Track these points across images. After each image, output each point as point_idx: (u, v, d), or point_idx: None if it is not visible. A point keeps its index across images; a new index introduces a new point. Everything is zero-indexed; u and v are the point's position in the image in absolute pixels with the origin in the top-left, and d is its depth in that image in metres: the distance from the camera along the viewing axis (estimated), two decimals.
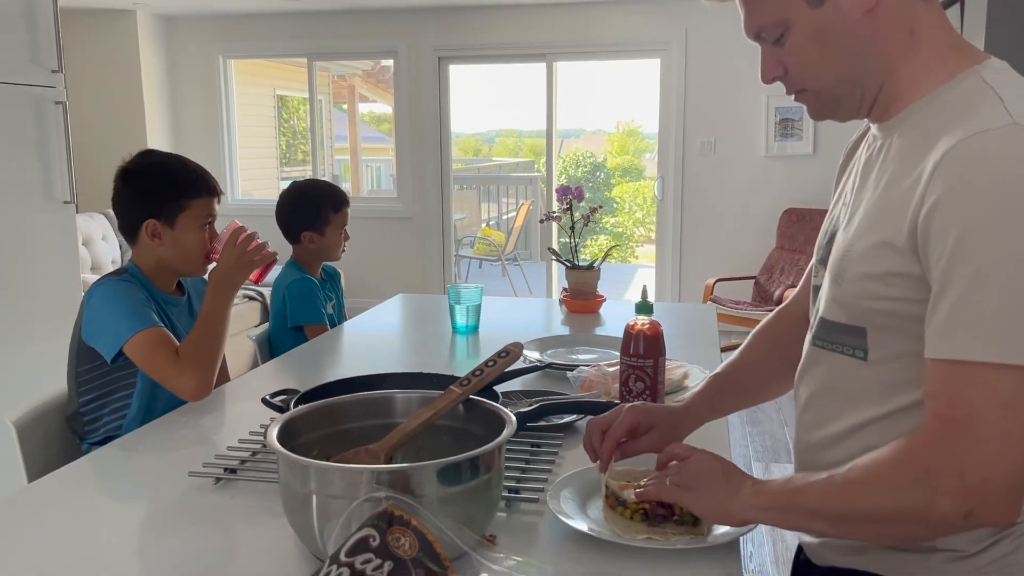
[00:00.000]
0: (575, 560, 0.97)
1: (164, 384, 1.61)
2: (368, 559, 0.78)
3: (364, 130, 11.12)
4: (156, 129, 6.22)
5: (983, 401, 0.79)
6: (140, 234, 1.74)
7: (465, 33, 6.08)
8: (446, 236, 6.43)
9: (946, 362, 0.82)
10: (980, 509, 0.80)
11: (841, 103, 0.98)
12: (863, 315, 0.93)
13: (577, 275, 2.42)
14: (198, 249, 1.76)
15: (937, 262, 0.82)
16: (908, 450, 0.83)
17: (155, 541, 1.05)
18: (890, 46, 0.92)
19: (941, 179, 0.82)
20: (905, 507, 0.83)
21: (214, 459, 1.26)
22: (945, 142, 0.84)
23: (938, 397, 0.82)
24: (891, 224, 0.88)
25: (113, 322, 1.63)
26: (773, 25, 0.94)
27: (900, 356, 0.91)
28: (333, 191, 2.46)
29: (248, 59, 6.85)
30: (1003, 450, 0.78)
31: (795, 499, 0.91)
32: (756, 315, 5.14)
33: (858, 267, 0.92)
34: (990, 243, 0.79)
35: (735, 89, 5.69)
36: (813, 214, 5.49)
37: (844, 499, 0.87)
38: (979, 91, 0.87)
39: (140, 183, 1.76)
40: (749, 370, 1.25)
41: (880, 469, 0.85)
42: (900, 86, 0.94)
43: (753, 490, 0.95)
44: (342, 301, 2.55)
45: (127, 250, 5.56)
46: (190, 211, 1.74)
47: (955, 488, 0.80)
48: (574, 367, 1.64)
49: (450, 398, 1.06)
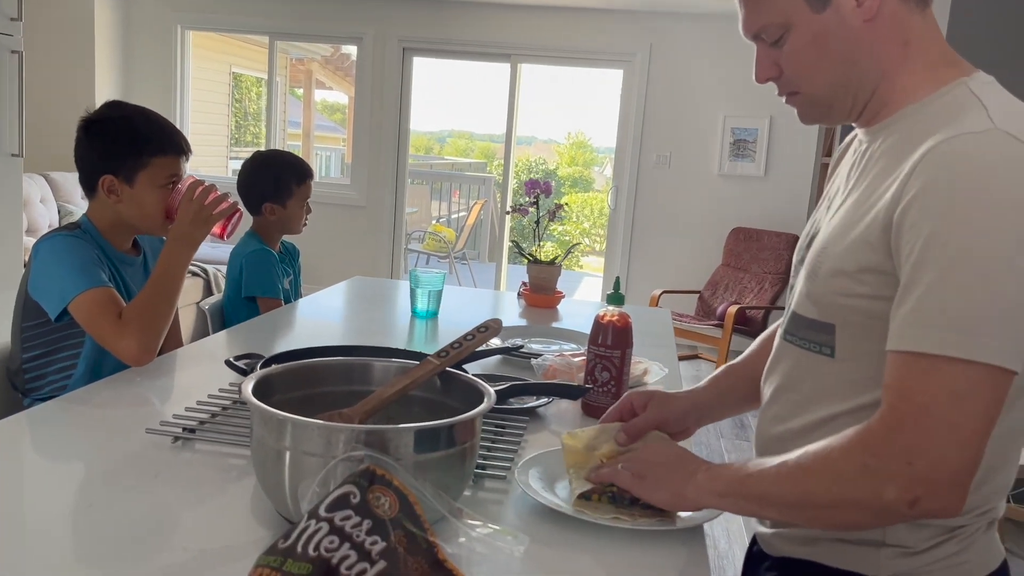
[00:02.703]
0: (541, 540, 0.97)
1: (105, 346, 1.54)
2: (347, 515, 0.76)
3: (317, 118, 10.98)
4: (105, 95, 6.02)
5: (936, 392, 0.80)
6: (97, 189, 1.66)
7: (432, 26, 6.05)
8: (397, 228, 6.39)
9: (904, 354, 0.83)
10: (926, 498, 0.81)
11: (834, 108, 1.00)
12: (834, 311, 0.95)
13: (538, 270, 2.43)
14: (158, 209, 1.67)
15: (908, 257, 0.84)
16: (859, 438, 0.84)
17: (107, 500, 1.00)
18: (886, 55, 0.95)
19: (919, 177, 0.85)
20: (852, 494, 0.84)
21: (172, 418, 1.22)
22: (927, 144, 0.86)
23: (893, 388, 0.84)
24: (868, 221, 0.90)
25: (59, 279, 1.56)
26: (774, 26, 0.96)
27: (866, 355, 0.93)
28: (297, 163, 2.42)
29: (207, 31, 6.70)
30: (951, 442, 0.80)
31: (748, 485, 0.92)
32: (699, 328, 5.23)
33: (833, 263, 0.94)
34: (959, 240, 0.81)
35: (694, 106, 5.79)
36: (760, 234, 5.62)
37: (794, 485, 0.88)
38: (965, 100, 0.90)
39: (101, 136, 1.67)
40: (758, 362, 1.22)
41: (830, 455, 0.86)
42: (891, 93, 0.97)
43: (708, 475, 0.96)
44: (299, 279, 2.51)
45: (66, 215, 5.38)
46: (151, 169, 1.65)
47: (902, 476, 0.81)
48: (539, 355, 1.65)
49: (428, 368, 1.05)
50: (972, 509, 0.94)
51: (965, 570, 0.95)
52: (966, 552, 0.95)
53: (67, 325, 1.61)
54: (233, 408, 1.30)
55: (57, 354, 1.63)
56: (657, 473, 1.00)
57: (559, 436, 1.33)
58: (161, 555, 0.86)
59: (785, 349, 1.05)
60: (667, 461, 1.01)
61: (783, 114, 5.63)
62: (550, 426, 1.38)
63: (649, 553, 0.95)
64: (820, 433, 0.97)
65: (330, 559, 0.72)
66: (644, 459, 1.03)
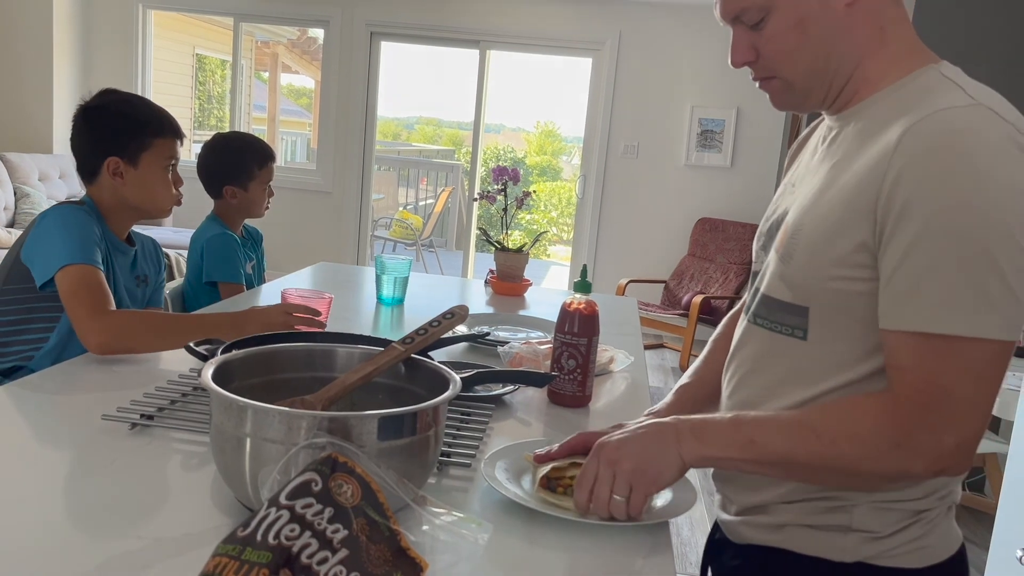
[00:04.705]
0: (505, 528, 0.96)
1: (74, 324, 1.51)
2: (309, 503, 0.75)
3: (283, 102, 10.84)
4: (64, 76, 5.87)
5: (958, 373, 0.84)
6: (101, 173, 1.70)
7: (401, 10, 6.00)
8: (364, 214, 6.34)
9: (916, 334, 0.85)
10: (951, 468, 0.87)
11: (811, 95, 0.99)
12: (809, 293, 0.94)
13: (506, 257, 2.42)
14: (163, 188, 1.74)
15: (899, 235, 0.84)
16: (888, 417, 0.87)
17: (59, 488, 0.97)
18: (863, 41, 0.95)
19: (903, 154, 0.85)
20: (881, 468, 0.88)
21: (129, 405, 1.19)
22: (907, 119, 0.86)
23: (912, 370, 0.86)
24: (846, 202, 0.90)
25: (56, 246, 1.57)
26: (756, 9, 0.94)
27: (839, 338, 0.93)
28: (258, 144, 2.38)
29: (170, 11, 6.56)
30: (973, 417, 0.86)
31: (752, 451, 0.92)
32: (664, 318, 5.26)
33: (810, 246, 0.93)
34: (956, 217, 0.82)
35: (662, 96, 5.81)
36: (726, 225, 5.66)
37: (816, 456, 0.90)
38: (938, 82, 0.91)
39: (102, 120, 1.71)
40: (713, 377, 1.22)
41: (858, 431, 0.88)
42: (864, 79, 0.96)
43: (693, 435, 0.94)
44: (262, 263, 2.47)
45: (22, 196, 5.25)
46: (153, 150, 1.72)
47: (932, 452, 0.86)
48: (506, 342, 1.64)
49: (392, 355, 1.04)
50: (933, 492, 0.96)
51: (928, 553, 0.97)
52: (929, 536, 0.97)
53: (48, 296, 1.60)
54: (193, 395, 1.27)
55: (31, 323, 1.63)
56: (641, 465, 0.93)
57: (525, 424, 1.33)
58: (114, 543, 0.84)
59: (753, 333, 1.04)
60: (639, 451, 0.94)
61: (750, 105, 5.67)
62: (516, 413, 1.37)
63: (615, 540, 0.94)
64: None
65: (291, 547, 0.71)
66: (614, 462, 0.94)
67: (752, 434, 0.92)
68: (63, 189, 5.57)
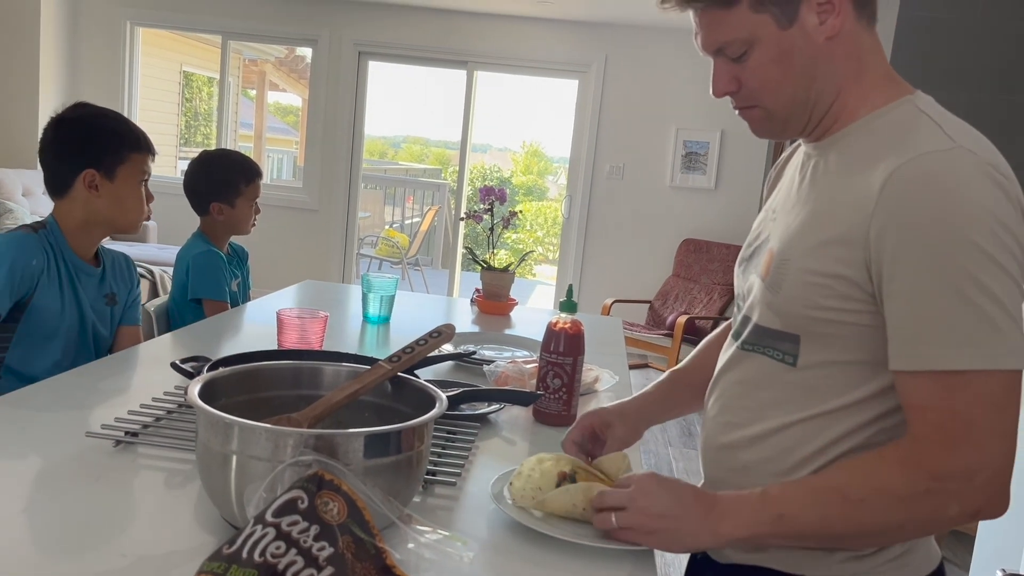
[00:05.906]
0: (490, 547, 0.96)
1: None
2: (295, 521, 0.75)
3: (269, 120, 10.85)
4: (50, 91, 5.86)
5: (979, 407, 0.84)
6: (75, 185, 1.68)
7: (389, 30, 6.03)
8: (350, 233, 6.34)
9: (932, 373, 0.85)
10: (986, 507, 0.85)
11: (790, 123, 1.01)
12: (799, 323, 0.96)
13: (492, 277, 2.43)
14: (136, 203, 1.74)
15: (895, 279, 0.86)
16: (915, 462, 0.86)
17: (42, 505, 0.96)
18: (843, 71, 0.97)
19: (890, 197, 0.86)
20: (916, 516, 0.87)
21: (114, 422, 1.19)
22: (891, 161, 0.88)
23: (932, 408, 0.86)
24: (834, 238, 0.92)
25: None
26: (739, 42, 0.96)
27: (829, 364, 0.95)
28: (245, 162, 2.38)
29: (157, 29, 6.57)
30: (1002, 451, 0.85)
31: (783, 526, 0.90)
32: (649, 338, 5.28)
33: (798, 277, 0.95)
34: (950, 258, 0.83)
35: (647, 118, 5.87)
36: (710, 246, 5.71)
37: (850, 519, 0.88)
38: (915, 117, 0.93)
39: (78, 132, 1.70)
40: (703, 369, 1.25)
41: (885, 485, 0.87)
42: (843, 108, 0.99)
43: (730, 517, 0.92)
44: (248, 281, 2.46)
45: (4, 212, 5.21)
46: (129, 164, 1.72)
47: (965, 492, 0.85)
48: (492, 361, 1.64)
49: (378, 373, 1.04)
50: None
51: (909, 571, 0.98)
52: (909, 554, 0.98)
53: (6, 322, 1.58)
54: (178, 412, 1.27)
55: None
56: (667, 525, 0.94)
57: (511, 443, 1.33)
58: (98, 562, 0.84)
59: (742, 357, 1.05)
60: (670, 510, 0.94)
61: (734, 128, 5.73)
62: (501, 432, 1.38)
63: (598, 559, 0.95)
64: (777, 439, 0.99)
65: (276, 564, 0.71)
66: (644, 510, 0.95)
67: (780, 508, 0.91)
68: (47, 205, 5.53)
